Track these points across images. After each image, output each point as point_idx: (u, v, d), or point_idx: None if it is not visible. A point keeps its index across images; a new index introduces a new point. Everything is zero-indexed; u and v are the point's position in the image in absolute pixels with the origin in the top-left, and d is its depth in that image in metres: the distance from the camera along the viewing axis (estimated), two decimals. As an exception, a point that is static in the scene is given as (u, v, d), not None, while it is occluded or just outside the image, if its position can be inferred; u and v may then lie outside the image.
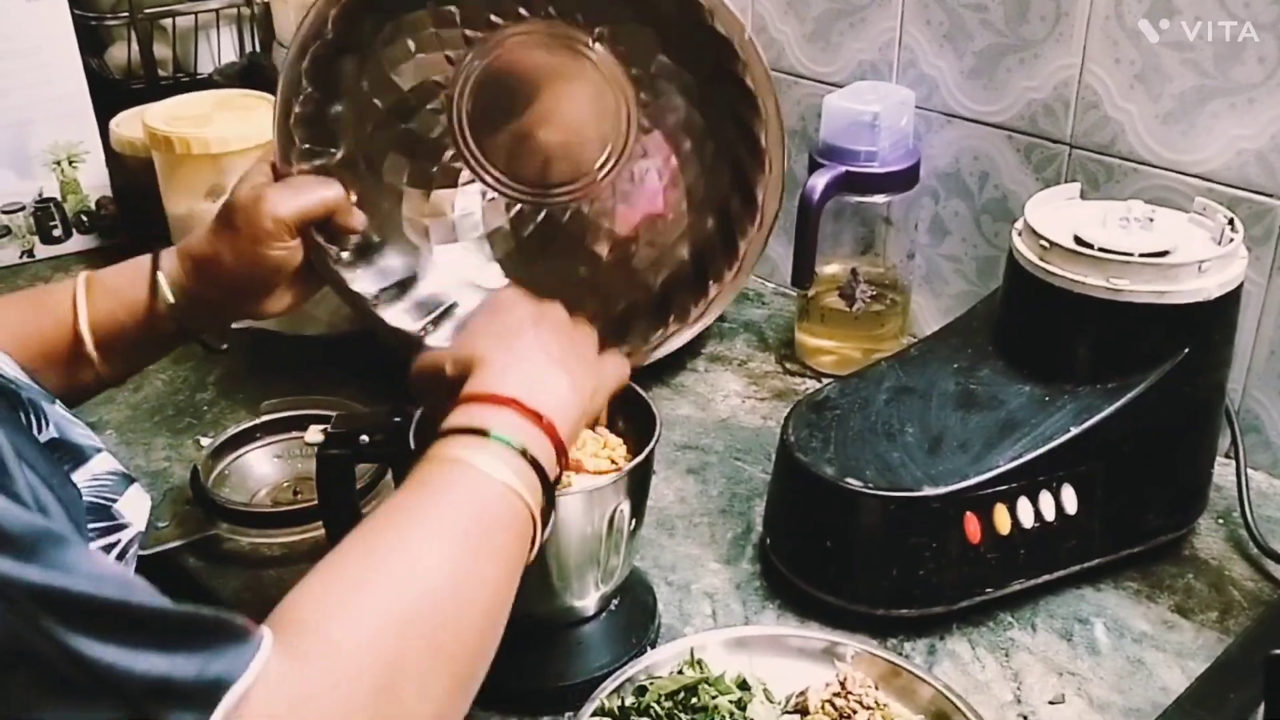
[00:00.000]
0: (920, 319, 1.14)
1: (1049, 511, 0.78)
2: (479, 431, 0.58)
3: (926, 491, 0.76)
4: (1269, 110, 0.86)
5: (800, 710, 0.70)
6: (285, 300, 0.78)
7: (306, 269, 0.77)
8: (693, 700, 0.69)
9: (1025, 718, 0.72)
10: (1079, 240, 0.79)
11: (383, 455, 0.72)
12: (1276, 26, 0.84)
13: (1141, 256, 0.77)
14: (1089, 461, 0.79)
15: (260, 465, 0.95)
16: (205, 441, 0.99)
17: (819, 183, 0.99)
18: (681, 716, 0.68)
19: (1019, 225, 0.85)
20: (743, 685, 0.70)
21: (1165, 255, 0.78)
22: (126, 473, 0.66)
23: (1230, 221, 0.80)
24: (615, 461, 0.74)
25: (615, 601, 0.77)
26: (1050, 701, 0.73)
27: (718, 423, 1.04)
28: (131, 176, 1.29)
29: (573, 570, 0.72)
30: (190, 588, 0.86)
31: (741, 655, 0.73)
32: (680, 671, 0.71)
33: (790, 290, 1.20)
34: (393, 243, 0.81)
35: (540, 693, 0.74)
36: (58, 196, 1.34)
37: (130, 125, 1.29)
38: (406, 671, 0.49)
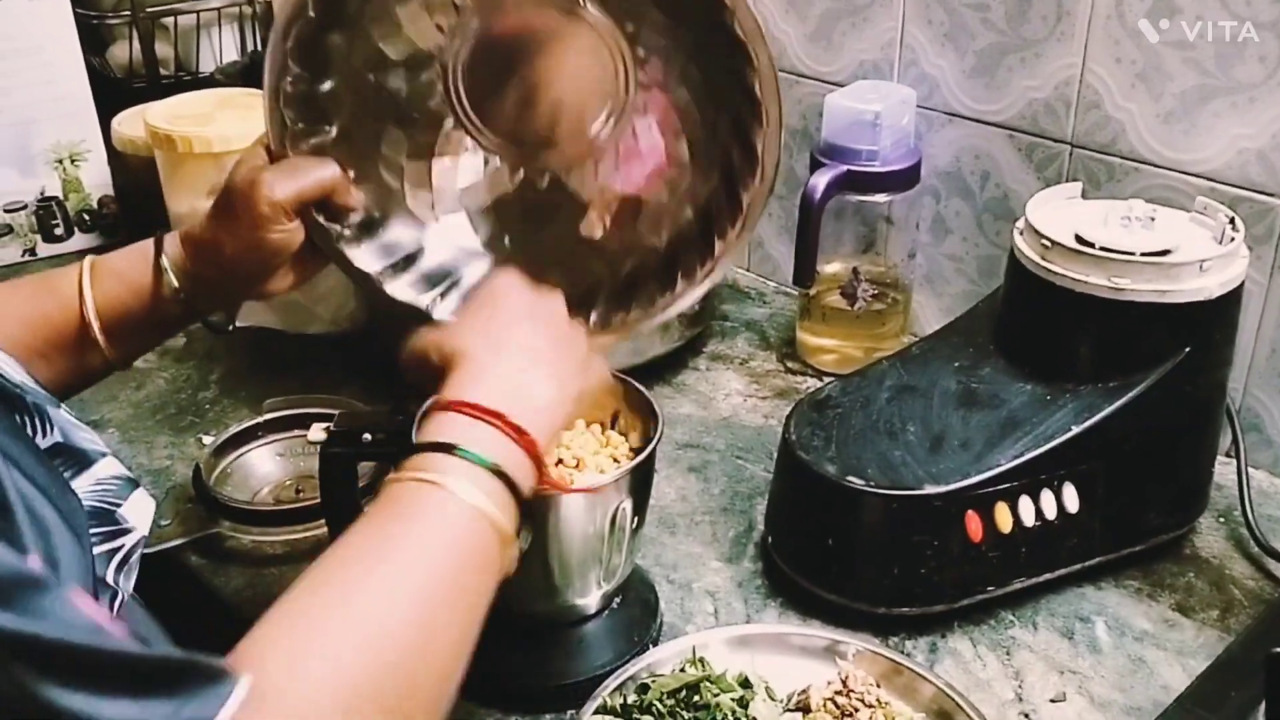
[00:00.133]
0: (921, 318, 1.14)
1: (1050, 510, 0.78)
2: (451, 448, 0.57)
3: (928, 490, 0.76)
4: (1270, 109, 0.86)
5: (802, 708, 0.70)
6: (289, 280, 0.78)
7: (308, 247, 0.76)
8: (695, 698, 0.69)
9: (1026, 716, 0.73)
10: (1080, 239, 0.80)
11: (385, 454, 0.72)
12: (1277, 26, 0.84)
13: (1143, 256, 0.77)
14: (1090, 460, 0.79)
15: (262, 463, 0.95)
16: (207, 440, 0.99)
17: (820, 182, 0.99)
18: (683, 714, 0.68)
19: (1020, 224, 0.85)
20: (745, 683, 0.70)
21: (1166, 254, 0.78)
22: (131, 477, 0.66)
23: (1231, 221, 0.80)
24: (617, 460, 0.74)
25: (617, 600, 0.77)
26: (1051, 700, 0.73)
27: (719, 421, 1.04)
28: (133, 175, 1.29)
29: (575, 568, 0.72)
30: (192, 586, 0.86)
31: (743, 653, 0.73)
32: (682, 669, 0.71)
33: (792, 289, 1.21)
34: (396, 217, 0.80)
35: (543, 690, 0.74)
36: (60, 195, 1.34)
37: (132, 124, 1.29)
38: None
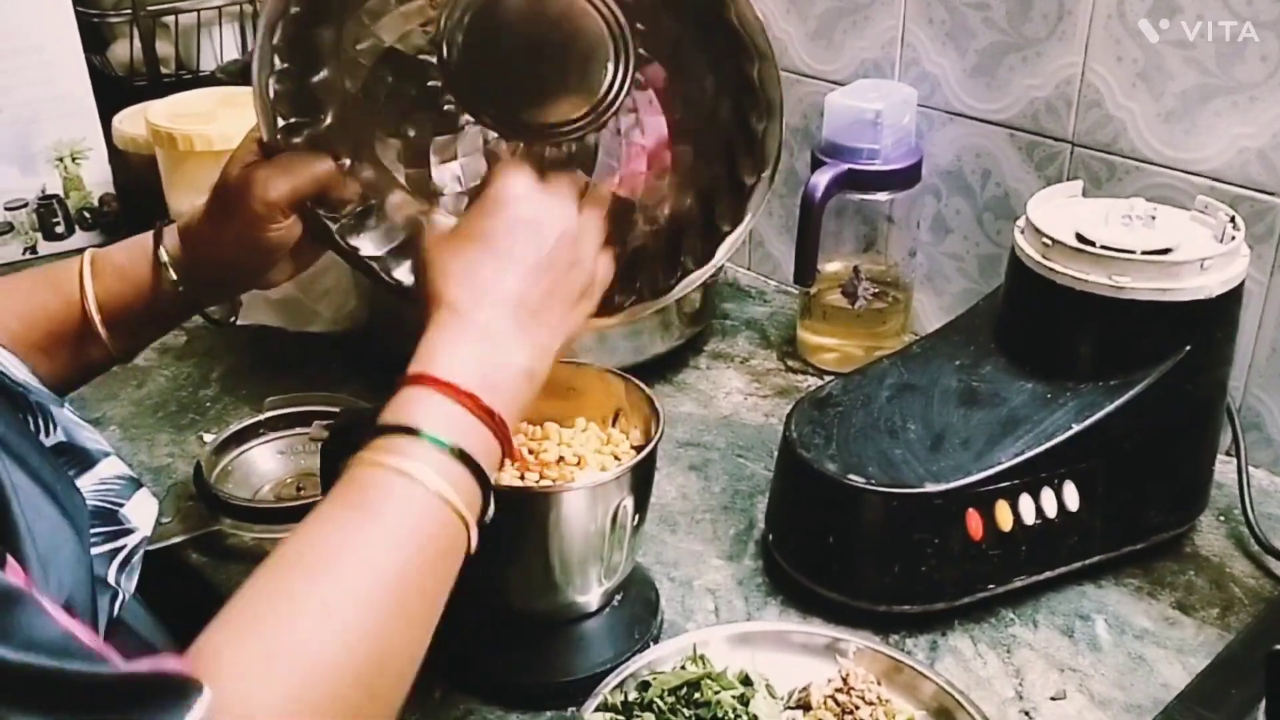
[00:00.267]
0: (922, 317, 1.14)
1: (1051, 508, 0.78)
2: (412, 430, 0.56)
3: (929, 488, 0.76)
4: (1270, 109, 0.86)
5: (803, 706, 0.70)
6: (287, 271, 0.77)
7: (307, 238, 0.76)
8: (695, 695, 0.69)
9: (1027, 714, 0.73)
10: (1081, 238, 0.80)
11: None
12: (1277, 26, 0.84)
13: (1143, 254, 0.77)
14: (1091, 458, 0.79)
15: (263, 461, 0.95)
16: (208, 437, 0.99)
17: (821, 180, 0.99)
18: (684, 711, 0.68)
19: (1021, 223, 0.85)
20: (745, 681, 0.70)
21: (1167, 253, 0.78)
22: (134, 476, 0.66)
23: (1232, 219, 0.80)
24: (618, 457, 0.74)
25: (618, 597, 0.77)
26: (1052, 698, 0.74)
27: (720, 420, 1.04)
28: (134, 173, 1.30)
29: (576, 566, 0.72)
30: (193, 583, 0.86)
31: (744, 651, 0.73)
32: (683, 667, 0.71)
33: (792, 288, 1.21)
34: (396, 200, 0.79)
35: (544, 688, 0.74)
36: (61, 193, 1.34)
37: (133, 122, 1.29)
38: None
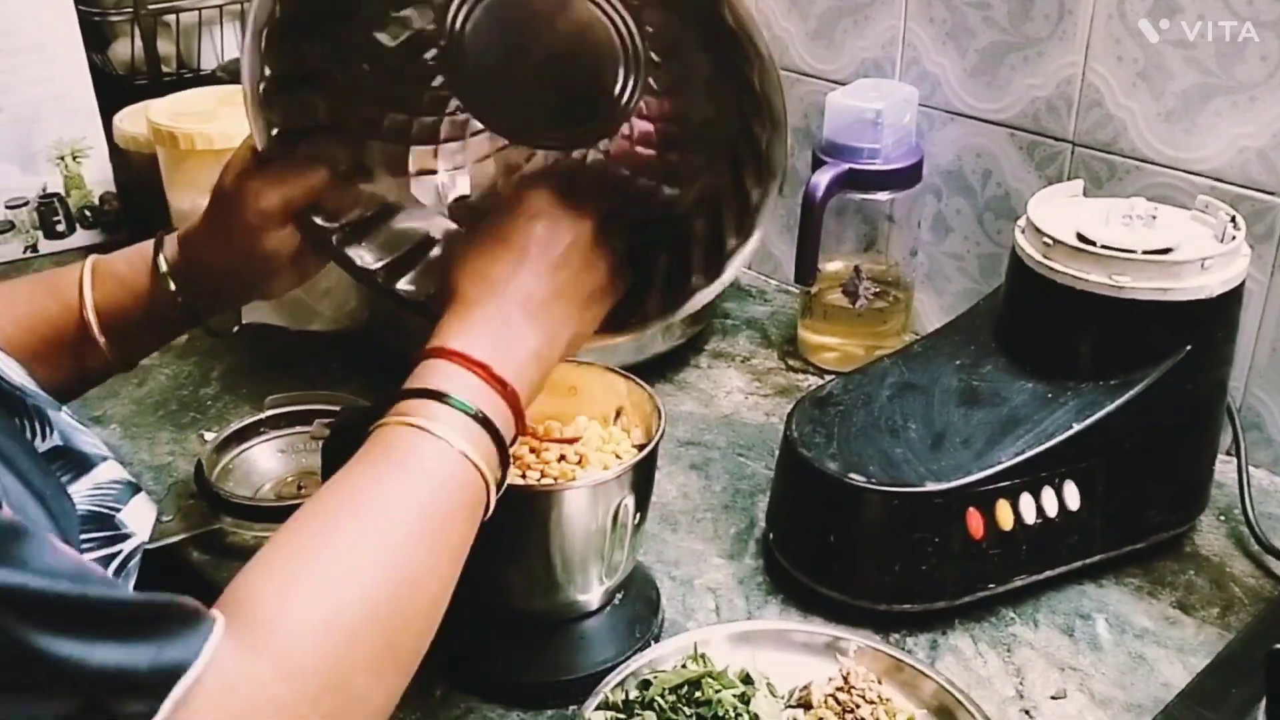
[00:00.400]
0: (923, 316, 1.14)
1: (1051, 508, 0.78)
2: (437, 395, 0.58)
3: (929, 487, 0.76)
4: (1270, 109, 0.86)
5: (803, 704, 0.70)
6: (288, 280, 0.77)
7: (306, 247, 0.75)
8: (696, 694, 0.69)
9: (1027, 713, 0.73)
10: (1082, 237, 0.80)
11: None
12: (1277, 25, 0.84)
13: (1144, 254, 0.77)
14: (1091, 458, 0.79)
15: (264, 460, 0.95)
16: (209, 436, 0.99)
17: (822, 180, 0.99)
18: (685, 710, 0.68)
19: (1022, 223, 0.85)
20: (746, 679, 0.70)
21: (1168, 253, 0.78)
22: (133, 481, 0.65)
23: (1232, 219, 0.80)
24: (620, 456, 0.74)
25: (619, 596, 0.78)
26: (1052, 697, 0.74)
27: (721, 419, 1.04)
28: (135, 172, 1.29)
29: (577, 564, 0.72)
30: (194, 582, 0.86)
31: (745, 649, 0.73)
32: (684, 666, 0.71)
33: (793, 287, 1.21)
34: (397, 207, 0.77)
35: (544, 686, 0.74)
36: (61, 192, 1.34)
37: (134, 121, 1.29)
38: (357, 663, 0.49)
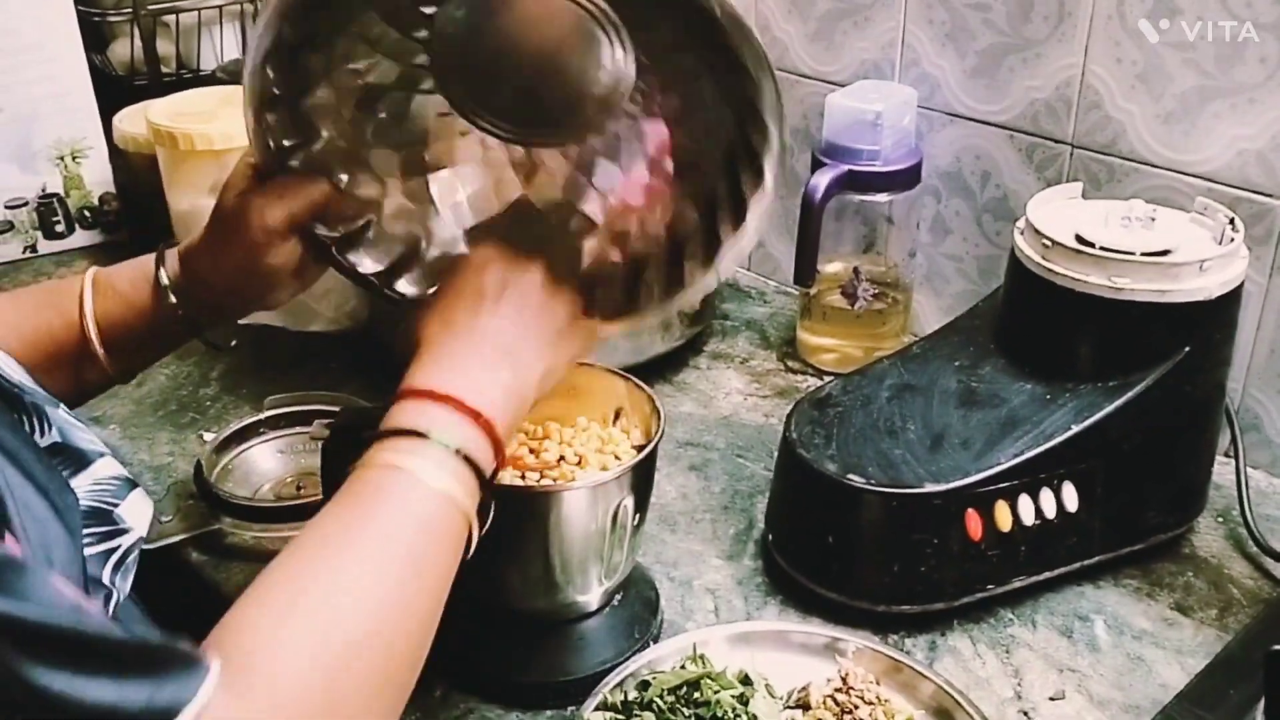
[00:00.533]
0: (922, 317, 1.15)
1: (1050, 509, 0.79)
2: (415, 433, 0.58)
3: (928, 488, 0.76)
4: (1270, 110, 0.86)
5: (802, 705, 0.70)
6: (288, 292, 0.77)
7: (307, 256, 0.76)
8: (695, 695, 0.69)
9: (1026, 714, 0.73)
10: (1081, 239, 0.80)
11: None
12: (1277, 27, 0.84)
13: (1143, 256, 0.77)
14: (1090, 459, 0.79)
15: (264, 460, 0.96)
16: (209, 436, 0.99)
17: (821, 181, 1.00)
18: (684, 711, 0.68)
19: (1021, 224, 0.85)
20: (745, 680, 0.71)
21: (1166, 254, 0.78)
22: (130, 477, 0.65)
23: (1231, 221, 0.80)
24: (619, 457, 0.74)
25: (618, 597, 0.78)
26: (1050, 698, 0.74)
27: (720, 420, 1.04)
28: (135, 172, 1.30)
29: (576, 565, 0.72)
30: (193, 582, 0.86)
31: (744, 650, 0.73)
32: (683, 666, 0.71)
33: (792, 288, 1.21)
34: (395, 212, 0.78)
35: (544, 687, 0.74)
36: (61, 192, 1.34)
37: (134, 121, 1.29)
38: (346, 699, 0.50)
